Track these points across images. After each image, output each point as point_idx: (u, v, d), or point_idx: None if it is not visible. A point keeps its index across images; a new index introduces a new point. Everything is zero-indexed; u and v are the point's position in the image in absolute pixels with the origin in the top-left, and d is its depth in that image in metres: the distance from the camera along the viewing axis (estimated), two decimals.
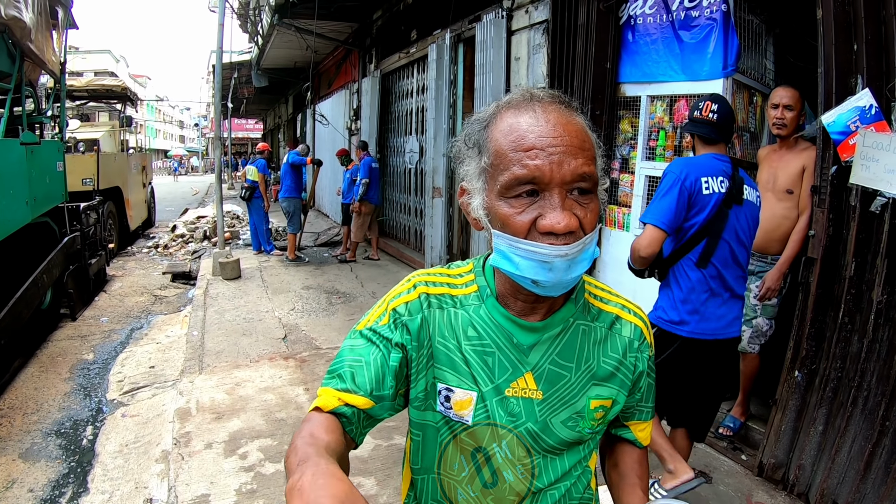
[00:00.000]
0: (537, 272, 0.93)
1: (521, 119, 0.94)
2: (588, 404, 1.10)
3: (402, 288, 1.15)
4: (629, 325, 1.15)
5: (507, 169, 0.93)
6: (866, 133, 2.81)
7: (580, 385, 1.10)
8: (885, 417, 2.87)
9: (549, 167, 0.90)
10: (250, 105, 28.08)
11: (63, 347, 6.09)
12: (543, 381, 1.08)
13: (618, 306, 1.16)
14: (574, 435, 1.11)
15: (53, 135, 7.65)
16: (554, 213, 0.90)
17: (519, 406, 1.08)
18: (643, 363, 1.17)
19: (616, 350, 1.13)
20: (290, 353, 5.59)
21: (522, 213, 0.92)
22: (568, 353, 1.09)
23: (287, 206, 9.89)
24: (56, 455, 4.05)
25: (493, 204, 0.96)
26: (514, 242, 0.94)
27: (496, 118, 0.99)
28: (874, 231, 2.90)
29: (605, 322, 1.14)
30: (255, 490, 3.33)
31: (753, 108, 4.58)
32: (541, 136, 0.91)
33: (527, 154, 0.91)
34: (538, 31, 5.87)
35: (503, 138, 0.95)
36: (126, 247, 12.18)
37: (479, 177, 1.00)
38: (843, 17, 2.94)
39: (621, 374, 1.14)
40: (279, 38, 12.33)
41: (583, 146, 0.93)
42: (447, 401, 1.10)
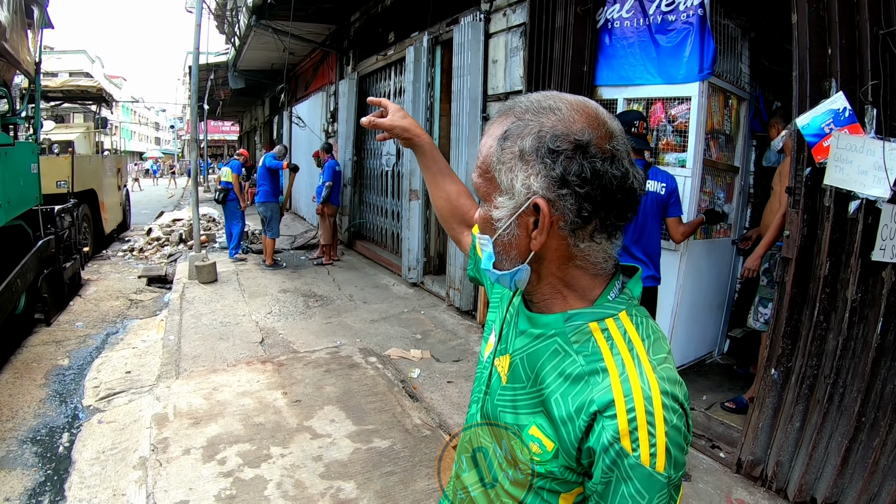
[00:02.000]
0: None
1: None
2: (528, 426, 0.98)
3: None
4: (605, 386, 0.88)
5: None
6: (840, 135, 2.85)
7: (529, 402, 1.00)
8: (861, 413, 2.93)
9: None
10: (227, 107, 27.86)
11: (38, 353, 5.99)
12: (511, 371, 1.06)
13: (619, 363, 0.90)
14: (513, 444, 1.01)
15: (27, 136, 7.52)
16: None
17: (494, 376, 1.12)
18: (598, 443, 0.87)
19: (575, 399, 0.91)
20: (267, 357, 5.54)
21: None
22: (532, 362, 1.00)
23: (264, 212, 9.75)
24: (32, 463, 3.98)
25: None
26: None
27: None
28: (848, 231, 2.95)
29: (590, 364, 0.92)
30: (234, 496, 3.30)
31: (729, 112, 4.65)
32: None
33: None
34: (516, 34, 5.90)
35: None
36: (101, 250, 12.00)
37: None
38: (818, 22, 2.99)
39: (566, 431, 0.92)
40: (256, 39, 12.26)
41: (480, 155, 1.01)
42: (488, 333, 1.23)
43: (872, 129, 2.83)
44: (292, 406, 4.43)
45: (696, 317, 4.90)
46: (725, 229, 5.03)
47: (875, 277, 2.89)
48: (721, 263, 5.10)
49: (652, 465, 0.84)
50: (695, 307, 4.79)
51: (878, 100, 2.82)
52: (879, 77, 2.81)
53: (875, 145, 2.78)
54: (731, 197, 4.99)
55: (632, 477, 0.84)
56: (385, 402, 4.55)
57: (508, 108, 0.98)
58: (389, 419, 4.26)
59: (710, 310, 5.13)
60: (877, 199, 2.80)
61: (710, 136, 4.48)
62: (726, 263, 5.17)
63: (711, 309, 5.14)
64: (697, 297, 4.80)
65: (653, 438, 0.84)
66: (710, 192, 4.64)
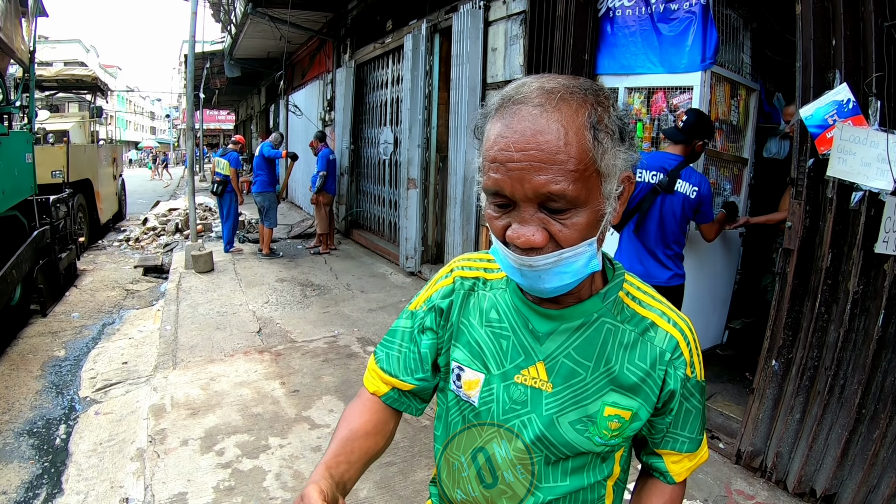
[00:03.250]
0: (513, 274, 0.96)
1: (500, 125, 0.88)
2: (602, 409, 1.03)
3: (442, 273, 1.23)
4: (663, 334, 1.04)
5: (484, 174, 0.91)
6: (844, 127, 2.83)
7: (596, 387, 1.04)
8: (862, 405, 2.92)
9: (510, 183, 0.86)
10: (222, 96, 27.78)
11: (34, 344, 5.97)
12: (556, 375, 1.04)
13: (656, 312, 1.07)
14: (582, 441, 1.04)
15: (22, 126, 7.47)
16: (517, 227, 0.88)
17: (526, 395, 1.06)
18: (675, 381, 1.05)
19: (644, 359, 1.04)
20: (264, 346, 5.53)
21: (499, 218, 0.91)
22: (586, 350, 1.03)
23: (262, 201, 9.67)
24: (29, 455, 3.96)
25: (485, 202, 0.95)
26: (496, 243, 0.96)
27: (496, 112, 0.91)
28: (850, 223, 2.93)
29: (638, 326, 1.05)
30: (232, 487, 3.29)
31: (737, 102, 4.61)
32: (504, 149, 0.86)
33: (492, 166, 0.88)
34: (516, 22, 5.86)
35: (486, 141, 0.91)
36: (97, 240, 11.97)
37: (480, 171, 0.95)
38: (822, 13, 2.96)
39: (647, 388, 1.04)
40: (252, 27, 12.18)
41: (553, 159, 0.83)
42: (458, 379, 1.14)
43: (876, 121, 2.81)
44: (290, 396, 4.41)
45: (699, 311, 4.80)
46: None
47: (877, 269, 2.88)
48: (726, 256, 4.99)
49: (702, 378, 1.09)
50: (698, 301, 4.71)
51: (882, 92, 2.80)
52: (884, 69, 2.79)
53: (879, 137, 2.76)
54: (738, 189, 4.94)
55: (694, 393, 1.08)
56: None
57: (563, 94, 0.87)
58: None
59: (714, 303, 5.02)
60: (880, 191, 2.79)
61: (715, 127, 4.44)
62: (732, 256, 5.06)
63: (715, 303, 5.03)
64: (701, 290, 4.73)
65: (700, 358, 1.08)
66: (715, 182, 4.60)
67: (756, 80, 4.91)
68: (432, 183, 8.28)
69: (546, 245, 0.88)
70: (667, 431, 1.10)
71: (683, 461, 1.14)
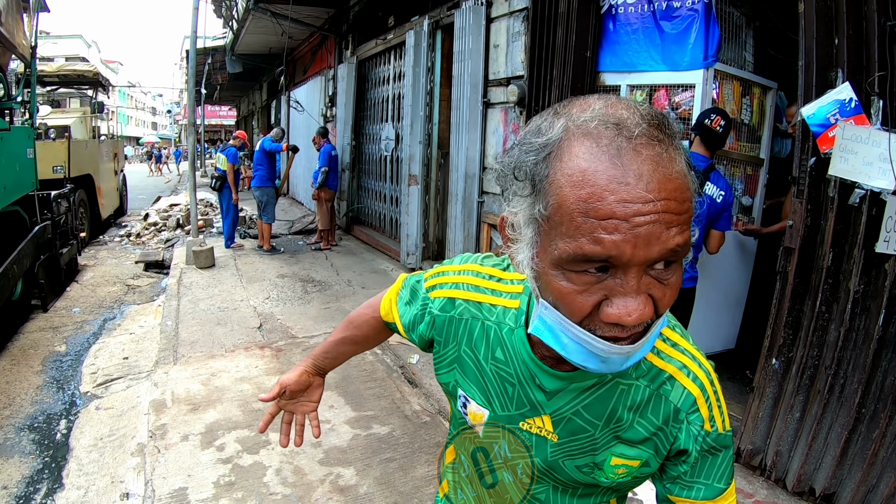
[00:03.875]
0: (586, 360, 0.77)
1: (600, 165, 0.67)
2: (609, 459, 0.96)
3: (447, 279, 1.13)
4: (681, 390, 0.93)
5: (571, 237, 0.68)
6: (846, 126, 2.83)
7: (603, 441, 0.96)
8: (862, 405, 2.93)
9: (633, 245, 0.66)
10: (224, 91, 27.74)
11: (35, 339, 5.98)
12: (562, 428, 0.96)
13: (676, 365, 0.94)
14: (589, 480, 0.99)
15: (24, 121, 7.45)
16: (625, 300, 0.69)
17: (531, 441, 1.00)
18: (689, 437, 0.93)
19: (657, 415, 0.93)
20: (265, 342, 5.54)
21: (584, 293, 0.71)
22: (596, 410, 0.94)
23: (260, 196, 9.65)
24: (29, 450, 3.97)
25: (546, 272, 0.74)
26: (566, 324, 0.75)
27: (563, 148, 0.71)
28: (852, 222, 2.93)
29: (654, 381, 0.94)
30: (233, 482, 3.30)
31: (749, 101, 4.54)
32: (626, 202, 0.65)
33: (603, 224, 0.66)
34: (517, 19, 5.85)
35: (571, 191, 0.68)
36: (98, 236, 11.97)
37: (529, 225, 0.76)
38: (825, 12, 2.96)
39: (657, 440, 0.95)
40: (254, 23, 12.16)
41: (681, 209, 0.68)
42: (464, 406, 1.08)
43: (878, 120, 2.81)
44: None
45: (712, 314, 4.68)
46: (745, 223, 4.75)
47: (878, 269, 2.88)
48: (740, 258, 4.85)
49: (725, 428, 0.95)
50: (710, 304, 4.59)
51: (884, 91, 2.80)
52: (886, 68, 2.78)
53: (881, 137, 2.76)
54: (753, 190, 4.79)
55: (714, 445, 0.94)
56: (384, 387, 4.54)
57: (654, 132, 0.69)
58: (388, 405, 4.26)
59: (728, 306, 4.87)
60: (881, 190, 2.78)
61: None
62: (747, 258, 4.90)
63: (728, 306, 4.88)
64: (714, 293, 4.62)
65: (721, 409, 0.95)
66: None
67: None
68: (433, 179, 8.28)
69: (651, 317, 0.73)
70: (679, 479, 0.97)
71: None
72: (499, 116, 6.32)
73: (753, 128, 4.70)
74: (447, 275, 1.13)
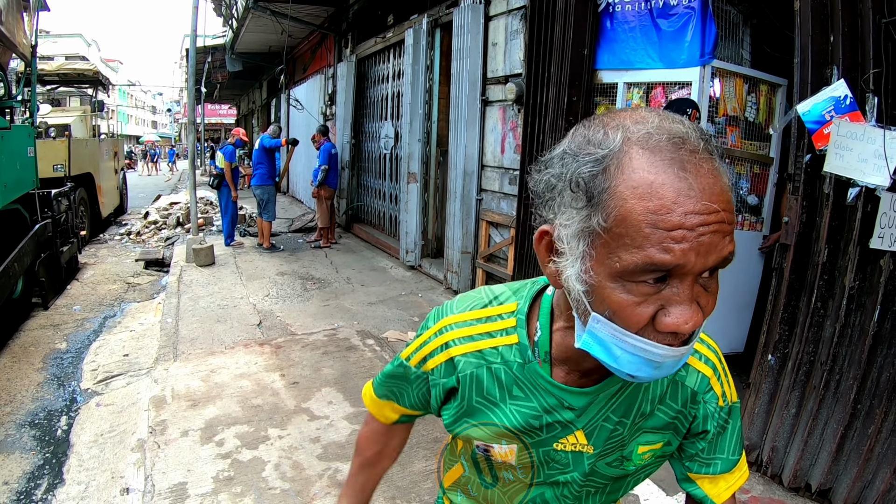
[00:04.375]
0: (640, 368, 0.77)
1: (667, 178, 0.68)
2: (636, 449, 1.00)
3: (433, 344, 1.05)
4: (695, 374, 0.99)
5: (639, 248, 0.69)
6: (841, 123, 2.85)
7: (630, 435, 0.99)
8: (857, 400, 2.94)
9: (696, 253, 0.68)
10: (224, 90, 27.72)
11: (35, 337, 6.00)
12: (595, 438, 0.98)
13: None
14: (618, 472, 1.03)
15: (24, 120, 7.47)
16: (681, 309, 0.72)
17: (567, 458, 1.00)
18: (706, 415, 1.00)
19: (675, 400, 0.99)
20: (265, 339, 5.56)
21: (643, 304, 0.72)
22: (624, 409, 0.97)
23: (261, 194, 9.65)
24: (30, 446, 3.99)
25: (603, 284, 0.74)
26: (621, 335, 0.75)
27: (623, 163, 0.71)
28: (847, 219, 2.95)
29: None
30: (232, 477, 3.32)
31: (755, 98, 4.49)
32: (691, 213, 0.67)
33: (672, 235, 0.67)
34: (516, 17, 5.87)
35: (637, 202, 0.68)
36: (98, 234, 12.00)
37: (580, 237, 0.75)
38: (820, 9, 2.97)
39: (678, 422, 1.00)
40: (254, 21, 12.17)
41: (732, 219, 0.72)
42: (486, 452, 1.05)
43: (873, 117, 2.82)
44: (290, 388, 4.44)
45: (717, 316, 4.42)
46: (753, 223, 4.67)
47: (873, 265, 2.89)
48: (748, 259, 4.63)
49: (734, 400, 1.03)
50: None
51: (879, 88, 2.81)
52: (881, 65, 2.80)
53: (876, 133, 2.77)
54: (761, 189, 4.67)
55: (727, 417, 1.02)
56: None
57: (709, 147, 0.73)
58: None
59: (735, 309, 4.72)
60: (876, 187, 2.80)
61: (726, 123, 4.38)
62: (755, 259, 4.73)
63: (736, 308, 4.73)
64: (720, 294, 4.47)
65: (729, 382, 1.04)
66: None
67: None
68: (433, 177, 8.30)
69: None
70: (697, 456, 1.03)
71: (719, 482, 1.04)
72: (497, 114, 6.33)
73: (760, 126, 4.63)
74: (430, 342, 1.06)
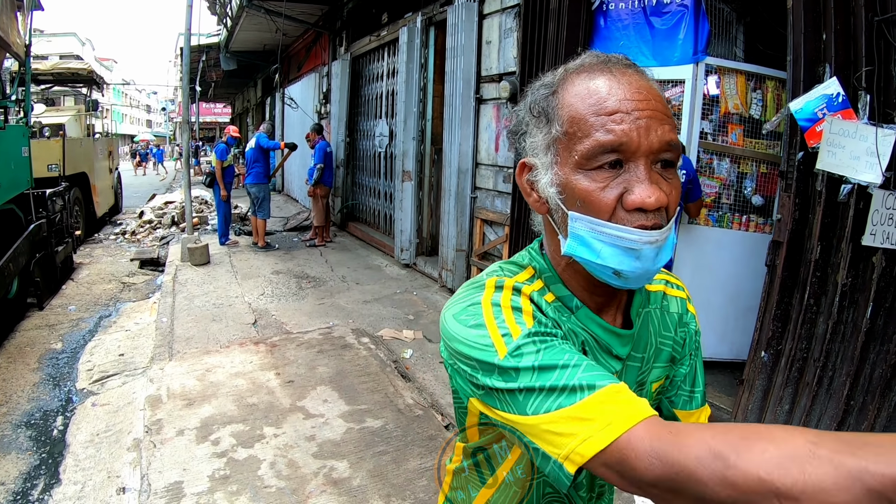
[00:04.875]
0: (622, 261, 0.81)
1: (598, 82, 0.83)
2: (650, 388, 1.06)
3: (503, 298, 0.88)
4: (675, 300, 1.09)
5: (587, 135, 0.81)
6: (833, 120, 2.86)
7: (647, 372, 1.04)
8: (850, 397, 2.96)
9: (637, 132, 0.79)
10: (219, 89, 27.70)
11: (31, 337, 5.99)
12: (626, 376, 0.99)
13: (661, 283, 1.09)
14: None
15: (18, 119, 7.46)
16: (642, 185, 0.79)
17: None
18: (690, 339, 1.10)
19: (669, 329, 1.07)
20: (260, 338, 5.56)
21: (607, 187, 0.80)
22: (641, 346, 1.01)
23: (257, 192, 9.59)
24: (27, 447, 3.99)
25: (570, 179, 0.83)
26: (596, 226, 0.81)
27: (566, 82, 0.86)
28: (839, 216, 2.97)
29: (659, 303, 1.07)
30: (228, 476, 3.32)
31: (760, 95, 4.39)
32: (624, 100, 0.80)
33: (611, 118, 0.79)
34: (510, 15, 5.87)
35: (580, 102, 0.82)
36: (93, 234, 11.96)
37: (547, 149, 0.87)
38: (813, 7, 2.99)
39: (674, 352, 1.08)
40: (248, 20, 12.15)
41: (667, 112, 0.83)
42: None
43: (865, 114, 2.84)
44: (285, 386, 4.44)
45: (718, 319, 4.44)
46: (760, 224, 4.52)
47: (865, 262, 2.91)
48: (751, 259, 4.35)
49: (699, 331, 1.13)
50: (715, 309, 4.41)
51: (871, 86, 2.83)
52: (873, 63, 2.82)
53: (868, 131, 2.79)
54: (768, 189, 4.47)
55: (699, 344, 1.13)
56: (377, 382, 4.57)
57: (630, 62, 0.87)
58: (382, 399, 4.28)
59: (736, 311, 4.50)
60: (868, 184, 2.82)
61: (726, 120, 4.31)
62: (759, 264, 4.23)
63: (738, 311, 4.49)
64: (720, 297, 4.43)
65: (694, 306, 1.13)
66: (723, 178, 4.39)
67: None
68: (427, 175, 8.30)
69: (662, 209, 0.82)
70: (681, 386, 1.10)
71: (693, 417, 1.11)
72: (491, 112, 6.34)
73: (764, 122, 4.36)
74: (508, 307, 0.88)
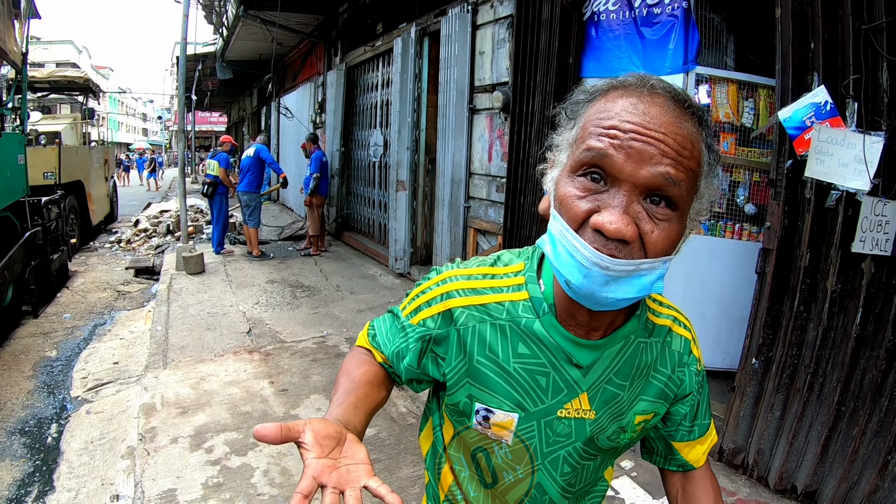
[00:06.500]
0: (571, 272, 0.82)
1: (622, 99, 0.82)
2: (633, 419, 1.05)
3: (433, 293, 1.05)
4: (679, 339, 1.07)
5: (582, 142, 0.82)
6: (821, 128, 2.89)
7: (629, 402, 1.03)
8: (841, 403, 2.98)
9: (624, 155, 0.78)
10: (214, 98, 27.69)
11: (26, 345, 5.98)
12: (598, 402, 1.01)
13: (669, 318, 1.08)
14: (612, 445, 1.06)
15: (14, 127, 7.47)
16: (610, 211, 0.78)
17: (570, 427, 1.01)
18: (690, 380, 1.08)
19: (666, 366, 1.06)
20: (254, 346, 5.56)
21: (583, 198, 0.81)
22: (625, 372, 1.01)
23: (249, 200, 9.60)
24: (21, 454, 3.98)
25: (561, 180, 0.86)
26: (563, 230, 0.83)
27: (603, 94, 0.86)
28: (828, 223, 2.99)
29: (661, 337, 1.06)
30: (221, 483, 3.32)
31: (753, 104, 4.40)
32: (627, 121, 0.79)
33: (606, 131, 0.80)
34: (502, 26, 5.91)
35: (596, 112, 0.83)
36: (88, 242, 11.94)
37: (565, 150, 0.89)
38: (801, 17, 3.03)
39: (668, 390, 1.07)
40: (244, 29, 12.19)
41: (679, 151, 0.78)
42: (485, 420, 1.02)
43: (853, 122, 2.87)
44: (279, 395, 4.45)
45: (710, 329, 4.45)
46: (753, 233, 4.50)
47: (855, 269, 2.94)
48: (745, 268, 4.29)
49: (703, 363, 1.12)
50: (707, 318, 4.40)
51: (859, 94, 2.86)
52: (861, 71, 2.85)
53: (856, 139, 2.82)
54: (761, 197, 4.45)
55: (703, 383, 1.12)
56: None
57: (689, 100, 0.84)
58: None
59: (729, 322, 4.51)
60: (857, 191, 2.84)
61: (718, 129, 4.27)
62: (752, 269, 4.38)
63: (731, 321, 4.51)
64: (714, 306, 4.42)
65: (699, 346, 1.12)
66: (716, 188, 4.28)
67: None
68: (421, 185, 8.33)
69: (631, 245, 0.79)
70: (681, 424, 1.11)
71: (696, 447, 1.13)
72: (484, 122, 6.37)
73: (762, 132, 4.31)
74: (430, 290, 1.06)
